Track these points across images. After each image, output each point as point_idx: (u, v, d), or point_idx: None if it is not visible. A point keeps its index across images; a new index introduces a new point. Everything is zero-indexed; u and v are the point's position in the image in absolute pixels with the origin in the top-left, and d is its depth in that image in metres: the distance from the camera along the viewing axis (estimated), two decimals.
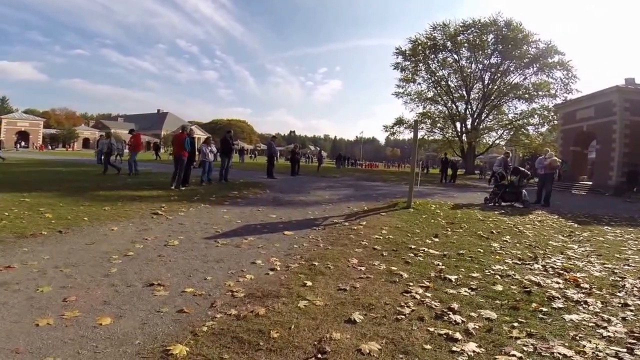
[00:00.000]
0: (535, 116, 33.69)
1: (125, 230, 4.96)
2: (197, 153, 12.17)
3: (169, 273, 3.37)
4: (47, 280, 3.01)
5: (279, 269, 3.70)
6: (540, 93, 33.01)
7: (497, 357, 2.13)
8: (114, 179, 11.81)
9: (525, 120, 34.39)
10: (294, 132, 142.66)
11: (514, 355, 2.13)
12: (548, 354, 2.19)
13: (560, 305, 3.01)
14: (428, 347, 2.23)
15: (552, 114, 31.08)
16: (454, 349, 2.21)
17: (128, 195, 7.98)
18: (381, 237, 5.40)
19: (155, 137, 77.92)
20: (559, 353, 2.19)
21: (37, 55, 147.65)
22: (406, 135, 39.89)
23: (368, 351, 2.14)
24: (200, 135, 58.17)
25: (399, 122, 37.95)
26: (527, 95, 33.78)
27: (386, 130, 39.62)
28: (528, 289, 3.36)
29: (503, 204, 10.74)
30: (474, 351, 2.19)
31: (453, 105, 37.46)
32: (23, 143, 56.09)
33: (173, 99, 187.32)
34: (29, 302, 2.59)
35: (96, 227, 4.99)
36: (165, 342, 2.15)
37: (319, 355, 2.07)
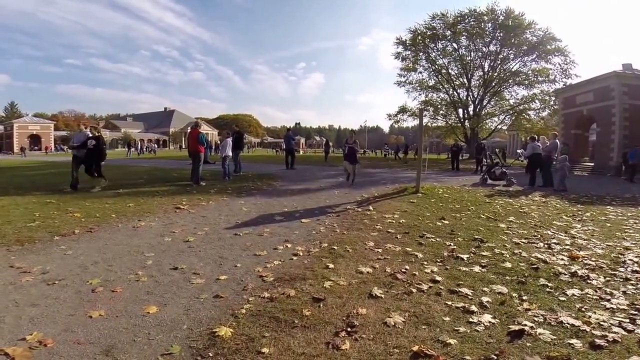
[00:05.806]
0: (537, 101, 33.70)
1: (152, 224, 5.23)
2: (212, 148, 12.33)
3: (201, 262, 3.62)
4: (90, 275, 3.23)
5: (301, 254, 3.94)
6: (540, 79, 32.98)
7: (510, 326, 2.34)
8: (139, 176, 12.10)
9: (527, 105, 34.38)
10: (299, 123, 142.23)
11: (525, 325, 2.34)
12: (557, 324, 2.40)
13: (566, 280, 3.23)
14: (447, 318, 2.46)
15: (553, 98, 31.03)
16: (471, 320, 2.44)
17: (148, 192, 8.33)
18: (394, 221, 5.63)
19: (163, 135, 78.27)
20: (567, 323, 2.40)
21: (33, 67, 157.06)
22: (409, 122, 39.94)
23: (393, 324, 2.37)
24: (207, 130, 58.52)
25: (402, 110, 37.98)
26: (527, 82, 33.78)
27: (390, 119, 39.68)
28: (535, 266, 3.59)
29: (493, 182, 12.38)
30: (489, 322, 2.42)
31: (454, 93, 37.47)
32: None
33: (172, 99, 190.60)
34: (79, 296, 2.78)
35: (125, 223, 5.26)
36: (210, 325, 2.37)
37: (349, 329, 2.31)
